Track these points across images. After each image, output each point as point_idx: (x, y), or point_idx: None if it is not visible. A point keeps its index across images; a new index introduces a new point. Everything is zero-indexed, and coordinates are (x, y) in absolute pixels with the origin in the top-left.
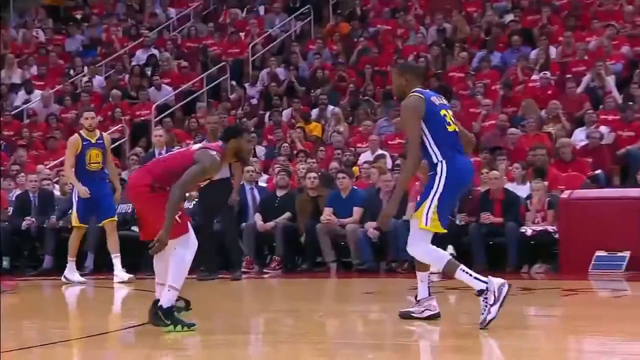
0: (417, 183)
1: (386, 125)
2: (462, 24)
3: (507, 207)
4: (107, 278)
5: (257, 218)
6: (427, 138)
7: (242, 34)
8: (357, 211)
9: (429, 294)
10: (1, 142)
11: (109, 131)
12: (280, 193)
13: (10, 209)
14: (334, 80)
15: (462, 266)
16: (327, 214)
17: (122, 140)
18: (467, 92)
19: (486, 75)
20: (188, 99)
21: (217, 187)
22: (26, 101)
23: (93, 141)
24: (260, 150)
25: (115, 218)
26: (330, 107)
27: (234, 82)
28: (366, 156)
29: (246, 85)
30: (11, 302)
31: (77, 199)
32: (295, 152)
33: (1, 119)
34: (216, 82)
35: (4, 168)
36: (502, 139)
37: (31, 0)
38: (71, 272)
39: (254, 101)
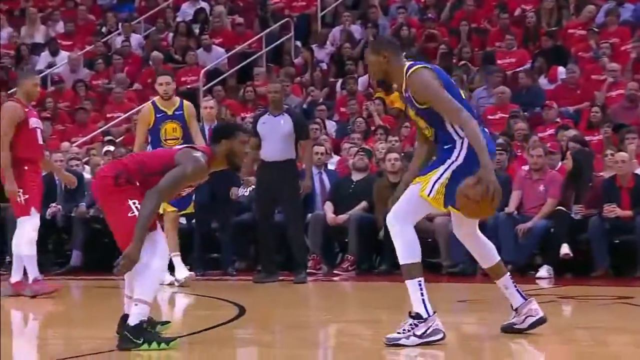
0: (523, 168)
1: (485, 96)
2: None
3: (638, 197)
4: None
5: (327, 208)
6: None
7: None
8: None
9: (525, 298)
10: None
11: (149, 100)
12: (356, 177)
13: None
14: (422, 40)
15: (422, 280)
16: None
17: None
18: (588, 54)
19: (613, 33)
20: (244, 63)
21: (277, 169)
22: (50, 65)
23: (170, 112)
24: (331, 125)
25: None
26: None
27: (298, 43)
28: None
29: (313, 46)
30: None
31: None
32: (373, 128)
33: None
34: (278, 42)
35: None
36: (632, 112)
37: None
38: (180, 269)
39: (323, 66)
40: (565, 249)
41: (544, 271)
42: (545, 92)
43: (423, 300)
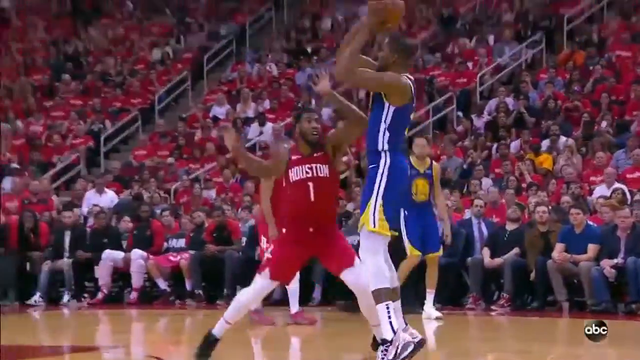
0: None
1: (624, 158)
2: None
3: None
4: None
5: (485, 253)
6: (385, 122)
7: (469, 64)
8: (592, 248)
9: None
10: (237, 175)
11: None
12: (510, 227)
13: (244, 240)
14: (567, 110)
15: (392, 304)
16: (558, 250)
17: (346, 173)
18: None
19: None
20: (414, 130)
21: None
22: (260, 133)
23: (422, 171)
24: (487, 182)
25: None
26: (563, 139)
27: (460, 113)
28: (601, 190)
29: (473, 116)
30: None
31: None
32: (523, 185)
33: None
34: (442, 113)
35: (237, 200)
36: None
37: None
38: (429, 306)
39: (481, 132)
40: None
41: None
42: None
43: (390, 322)
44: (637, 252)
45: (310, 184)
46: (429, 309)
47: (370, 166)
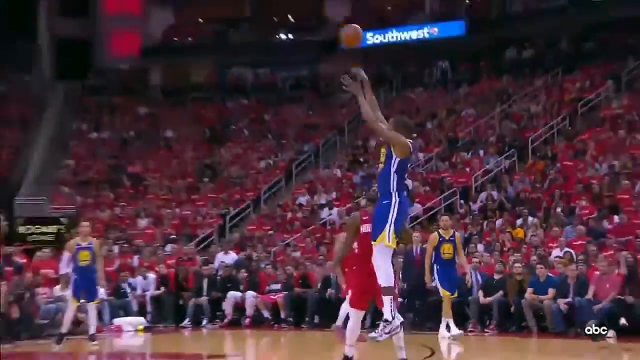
0: (597, 273)
1: (571, 230)
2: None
3: None
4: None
5: (480, 294)
6: (394, 169)
7: (467, 169)
8: (551, 291)
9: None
10: (314, 242)
11: None
12: (497, 277)
13: (319, 284)
14: (532, 200)
15: (393, 297)
16: (529, 292)
17: None
18: None
19: None
20: (430, 213)
21: None
22: (329, 214)
23: (447, 237)
24: (481, 247)
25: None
26: (530, 218)
27: (462, 201)
28: (556, 252)
29: (470, 203)
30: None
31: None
32: (505, 249)
33: None
34: (449, 201)
35: (315, 258)
36: None
37: None
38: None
39: (476, 213)
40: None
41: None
42: (606, 230)
43: (391, 309)
44: (581, 294)
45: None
46: (443, 330)
47: (384, 202)
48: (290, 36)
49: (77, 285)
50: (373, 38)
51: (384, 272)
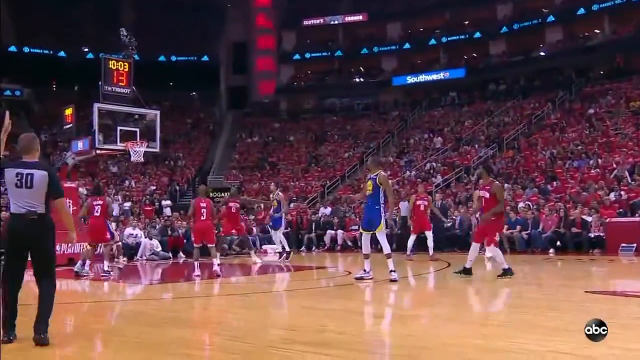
0: (544, 215)
1: (529, 191)
2: None
3: None
4: None
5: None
6: (381, 193)
7: (468, 156)
8: (518, 227)
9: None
10: None
11: None
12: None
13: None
14: (507, 174)
15: (391, 255)
16: (505, 228)
17: None
18: None
19: None
20: (446, 183)
21: None
22: None
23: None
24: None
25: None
26: (506, 184)
27: (465, 175)
28: (521, 204)
29: (470, 176)
30: None
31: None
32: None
33: None
34: (457, 175)
35: None
36: None
37: None
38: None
39: (473, 182)
40: None
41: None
42: (550, 190)
43: (392, 267)
44: (535, 228)
45: None
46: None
47: (376, 207)
48: (361, 79)
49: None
50: (411, 79)
51: (385, 245)
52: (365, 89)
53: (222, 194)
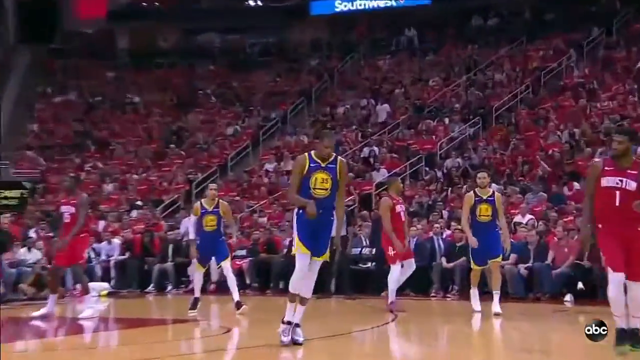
0: (555, 239)
1: (532, 196)
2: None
3: None
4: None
5: (443, 260)
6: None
7: (433, 136)
8: (512, 257)
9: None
10: (279, 207)
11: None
12: (459, 243)
13: (284, 250)
14: (496, 167)
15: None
16: None
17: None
18: None
19: None
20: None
21: None
22: None
23: (484, 197)
24: (445, 213)
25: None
26: (494, 185)
27: (427, 168)
28: (518, 218)
29: (435, 170)
30: None
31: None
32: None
33: None
34: (415, 167)
35: (281, 223)
36: None
37: None
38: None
39: (442, 181)
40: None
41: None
42: (566, 196)
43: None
44: (541, 259)
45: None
46: (495, 306)
47: (331, 218)
48: (259, 2)
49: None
50: (341, 5)
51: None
52: (265, 20)
53: (9, 196)
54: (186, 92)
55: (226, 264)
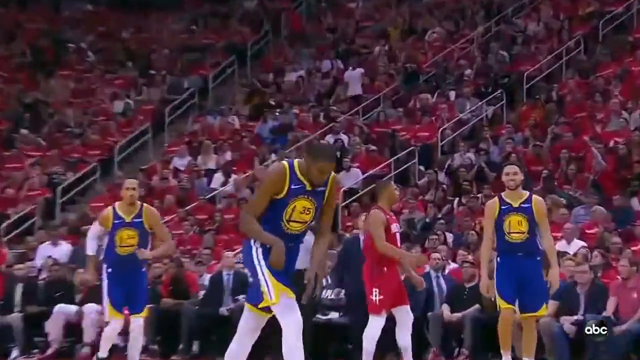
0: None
1: (583, 212)
2: None
3: None
4: None
5: (445, 308)
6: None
7: (432, 118)
8: (551, 304)
9: None
10: (196, 227)
11: None
12: (469, 284)
13: (202, 293)
14: (527, 166)
15: None
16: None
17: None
18: None
19: None
20: (372, 185)
21: None
22: (223, 184)
23: (515, 204)
24: (450, 237)
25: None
26: None
27: (422, 167)
28: (561, 246)
29: (436, 170)
30: None
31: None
32: None
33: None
34: (404, 167)
35: (197, 252)
36: None
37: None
38: None
39: (443, 186)
40: None
41: None
42: (637, 212)
43: None
44: (597, 309)
45: None
46: None
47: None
48: None
49: None
50: None
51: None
52: None
53: None
54: (47, 44)
55: (139, 321)
